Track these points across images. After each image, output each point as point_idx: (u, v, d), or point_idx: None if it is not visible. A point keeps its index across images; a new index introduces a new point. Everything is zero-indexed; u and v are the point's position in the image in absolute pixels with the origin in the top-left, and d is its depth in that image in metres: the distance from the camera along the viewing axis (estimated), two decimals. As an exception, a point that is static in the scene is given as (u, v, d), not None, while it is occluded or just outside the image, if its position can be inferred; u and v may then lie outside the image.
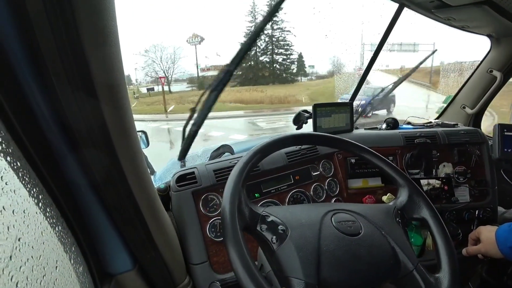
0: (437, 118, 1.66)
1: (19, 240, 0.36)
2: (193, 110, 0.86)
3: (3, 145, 0.34)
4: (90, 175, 0.45)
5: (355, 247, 0.49)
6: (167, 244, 0.63)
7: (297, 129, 1.28)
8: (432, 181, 1.13)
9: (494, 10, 0.95)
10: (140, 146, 0.51)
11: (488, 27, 1.20)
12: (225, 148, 1.08)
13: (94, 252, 0.53)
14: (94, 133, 0.40)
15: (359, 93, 1.39)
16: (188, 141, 0.94)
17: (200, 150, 1.29)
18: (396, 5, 1.13)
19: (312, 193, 1.01)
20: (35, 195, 0.39)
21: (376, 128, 1.38)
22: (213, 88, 0.83)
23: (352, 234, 0.50)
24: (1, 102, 0.33)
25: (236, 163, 0.55)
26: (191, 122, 0.89)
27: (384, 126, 1.38)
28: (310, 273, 0.44)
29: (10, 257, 0.34)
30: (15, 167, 0.36)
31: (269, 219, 0.50)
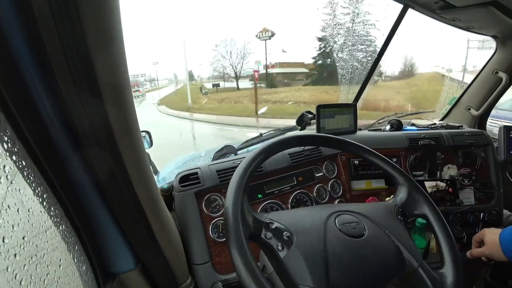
0: (442, 119, 1.65)
1: (23, 238, 0.36)
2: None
3: (9, 144, 0.34)
4: (94, 174, 0.45)
5: (361, 248, 0.49)
6: (169, 244, 0.63)
7: (300, 130, 1.28)
8: (437, 183, 1.12)
9: (500, 11, 0.94)
10: (144, 146, 0.51)
11: (494, 28, 1.19)
12: (228, 149, 1.08)
13: (97, 251, 0.53)
14: (98, 133, 0.41)
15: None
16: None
17: (203, 150, 1.29)
18: (401, 6, 1.13)
19: (315, 194, 1.01)
20: (39, 194, 0.40)
21: (380, 130, 1.38)
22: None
23: (356, 236, 0.50)
24: (6, 101, 0.33)
25: (239, 163, 0.55)
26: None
27: (388, 127, 1.38)
28: (319, 279, 0.44)
29: (15, 255, 0.34)
30: (20, 166, 0.36)
31: (273, 226, 0.50)
